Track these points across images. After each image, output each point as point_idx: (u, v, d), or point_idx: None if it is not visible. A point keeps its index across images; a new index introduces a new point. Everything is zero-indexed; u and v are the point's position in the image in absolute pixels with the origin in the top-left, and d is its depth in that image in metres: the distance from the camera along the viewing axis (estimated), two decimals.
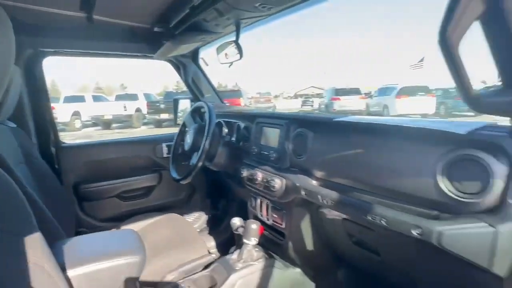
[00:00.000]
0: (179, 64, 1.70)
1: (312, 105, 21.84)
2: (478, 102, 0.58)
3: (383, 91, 12.84)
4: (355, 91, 14.24)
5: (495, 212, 0.61)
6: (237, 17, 1.06)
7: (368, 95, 14.94)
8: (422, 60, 20.99)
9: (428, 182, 0.70)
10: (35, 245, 0.56)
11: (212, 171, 1.82)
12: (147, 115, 12.59)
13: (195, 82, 1.77)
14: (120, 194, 1.68)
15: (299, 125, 1.08)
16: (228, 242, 1.48)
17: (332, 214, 1.02)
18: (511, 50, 0.52)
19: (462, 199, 0.65)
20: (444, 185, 0.68)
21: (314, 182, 0.98)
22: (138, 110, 12.50)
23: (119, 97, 13.55)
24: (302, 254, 1.18)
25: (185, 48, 1.47)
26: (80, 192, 1.57)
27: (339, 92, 14.10)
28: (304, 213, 1.12)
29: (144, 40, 1.46)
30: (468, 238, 0.62)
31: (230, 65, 1.31)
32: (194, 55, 1.68)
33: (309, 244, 1.16)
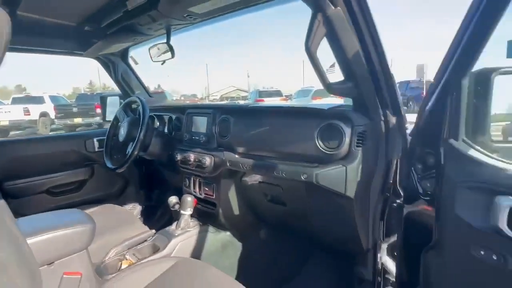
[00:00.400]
0: (108, 62, 1.79)
1: None
2: (332, 88, 0.94)
3: (302, 93, 14.12)
4: (277, 93, 15.32)
5: (346, 157, 0.98)
6: (168, 23, 1.26)
7: (289, 96, 16.24)
8: (333, 65, 23.93)
9: (310, 144, 1.04)
10: None
11: (145, 164, 1.95)
12: (56, 120, 11.24)
13: (124, 79, 1.87)
14: (50, 189, 1.68)
15: (223, 112, 1.34)
16: (165, 226, 1.65)
17: (252, 180, 1.32)
18: (345, 56, 0.87)
19: (329, 152, 1.01)
20: (319, 144, 1.02)
21: (236, 156, 1.26)
22: (44, 114, 11.05)
23: (16, 100, 11.77)
24: (230, 219, 1.45)
25: (116, 47, 1.59)
26: (5, 189, 1.53)
27: (263, 94, 14.98)
28: (230, 183, 1.39)
29: (75, 38, 1.52)
30: (332, 176, 0.97)
31: (163, 63, 1.49)
32: (123, 54, 1.79)
33: (236, 209, 1.44)
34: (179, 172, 1.58)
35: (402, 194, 0.94)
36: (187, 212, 1.38)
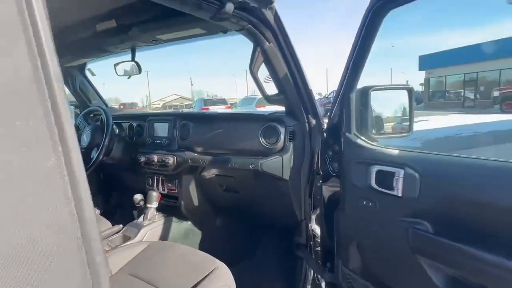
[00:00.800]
0: (67, 75, 1.89)
1: None
2: (269, 99, 1.28)
3: (246, 101, 14.65)
4: (222, 101, 15.64)
5: (281, 150, 1.32)
6: (134, 44, 1.47)
7: (233, 105, 16.69)
8: (268, 76, 25.16)
9: (255, 141, 1.36)
10: None
11: (104, 169, 2.07)
12: None
13: (82, 90, 1.99)
14: None
15: (183, 119, 1.60)
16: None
17: (209, 174, 1.59)
18: (277, 77, 1.21)
19: (270, 147, 1.34)
20: (262, 141, 1.35)
21: (196, 154, 1.52)
22: None
23: None
24: (191, 210, 1.69)
25: (78, 62, 1.73)
26: None
27: (207, 103, 15.16)
28: (191, 178, 1.64)
29: None
30: (272, 164, 1.30)
31: (129, 77, 1.68)
32: (82, 66, 1.92)
33: (195, 201, 1.69)
34: (141, 173, 1.77)
35: (321, 174, 1.31)
36: (153, 205, 1.59)
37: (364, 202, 1.04)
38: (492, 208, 0.73)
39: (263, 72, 1.24)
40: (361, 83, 1.15)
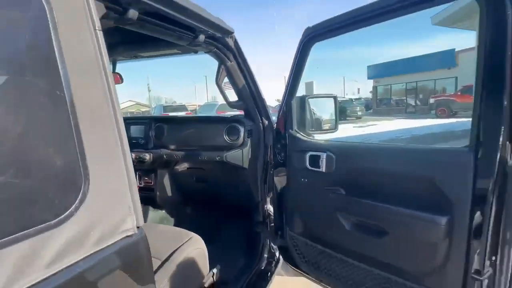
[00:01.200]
0: None
1: None
2: (232, 105, 1.63)
3: (206, 107, 14.83)
4: (182, 108, 15.64)
5: (242, 145, 1.67)
6: (115, 58, 1.72)
7: (194, 111, 16.75)
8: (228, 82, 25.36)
9: (221, 138, 1.69)
10: None
11: None
12: None
13: None
14: None
15: (157, 121, 1.88)
16: None
17: (182, 167, 1.89)
18: (237, 87, 1.57)
19: (232, 143, 1.68)
20: (226, 138, 1.69)
21: (169, 151, 1.81)
22: None
23: None
24: (165, 200, 1.96)
25: None
26: None
27: (167, 109, 15.06)
28: (165, 172, 1.92)
29: None
30: (235, 156, 1.65)
31: None
32: None
33: (169, 192, 1.96)
34: None
35: (273, 163, 1.68)
36: None
37: (302, 179, 1.42)
38: (379, 173, 1.15)
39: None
40: (318, 90, 1.55)
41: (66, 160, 0.57)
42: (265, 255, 1.77)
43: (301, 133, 1.49)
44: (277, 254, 1.78)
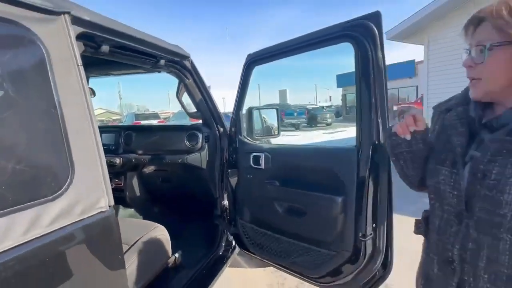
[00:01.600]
0: None
1: None
2: (191, 115, 1.94)
3: (180, 115, 14.90)
4: (154, 116, 15.60)
5: (200, 149, 1.97)
6: (89, 75, 1.97)
7: (167, 119, 16.73)
8: (209, 88, 25.25)
9: (183, 143, 1.98)
10: None
11: None
12: None
13: None
14: None
15: (127, 130, 2.13)
16: None
17: (149, 169, 2.15)
18: (195, 101, 1.88)
19: (192, 147, 1.98)
20: (187, 143, 1.98)
21: (137, 155, 2.07)
22: None
23: None
24: (134, 199, 2.20)
25: None
26: None
27: (139, 117, 14.95)
28: (134, 174, 2.17)
29: None
30: (194, 158, 1.94)
31: None
32: None
33: (137, 192, 2.21)
34: None
35: (227, 165, 1.99)
36: None
37: (248, 176, 1.74)
38: (300, 167, 1.49)
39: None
40: (291, 98, 1.89)
41: (59, 157, 0.85)
42: (223, 244, 2.06)
43: (248, 138, 1.82)
44: (233, 242, 2.07)
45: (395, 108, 23.99)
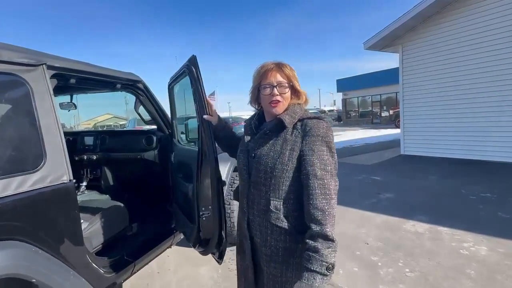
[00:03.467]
0: None
1: None
2: (147, 123, 2.60)
3: (183, 120, 15.60)
4: (151, 122, 16.35)
5: (155, 148, 2.62)
6: (72, 93, 2.63)
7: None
8: (213, 93, 24.39)
9: (141, 144, 2.63)
10: None
11: None
12: None
13: None
14: None
15: (102, 133, 2.79)
16: None
17: (118, 164, 2.80)
18: (150, 112, 2.53)
19: (148, 147, 2.62)
20: (144, 144, 2.63)
21: (110, 153, 2.72)
22: None
23: None
24: (108, 187, 2.86)
25: None
26: None
27: (140, 123, 15.76)
28: (108, 166, 2.83)
29: None
30: (150, 155, 2.59)
31: (69, 110, 2.80)
32: None
33: (111, 181, 2.86)
34: (77, 166, 2.88)
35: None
36: (84, 183, 2.72)
37: (171, 168, 2.37)
38: (184, 163, 2.12)
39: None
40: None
41: (37, 147, 1.48)
42: (173, 222, 2.69)
43: (177, 141, 2.44)
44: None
45: (391, 112, 24.34)
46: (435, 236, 3.20)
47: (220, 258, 1.74)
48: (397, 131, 15.19)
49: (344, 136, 16.18)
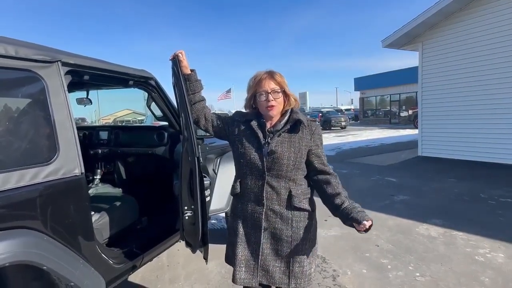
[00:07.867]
0: None
1: None
2: (159, 119, 2.65)
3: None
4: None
5: (166, 144, 2.67)
6: (88, 89, 2.72)
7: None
8: (229, 91, 24.07)
9: (153, 140, 2.69)
10: None
11: None
12: None
13: None
14: None
15: (115, 128, 2.87)
16: None
17: (131, 158, 2.88)
18: (161, 108, 2.58)
19: (160, 142, 2.68)
20: (156, 139, 2.69)
21: (123, 148, 2.80)
22: None
23: None
24: (121, 181, 2.94)
25: None
26: None
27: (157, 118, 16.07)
28: (121, 162, 2.91)
29: None
30: (161, 150, 2.64)
31: (85, 106, 2.90)
32: None
33: (123, 175, 2.95)
34: (91, 160, 2.98)
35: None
36: (98, 176, 2.82)
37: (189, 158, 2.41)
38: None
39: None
40: (311, 100, 2.54)
41: (51, 141, 1.55)
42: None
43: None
44: None
45: (410, 112, 23.63)
46: (449, 240, 3.10)
47: (204, 258, 1.78)
48: (416, 131, 14.85)
49: (360, 136, 15.89)
